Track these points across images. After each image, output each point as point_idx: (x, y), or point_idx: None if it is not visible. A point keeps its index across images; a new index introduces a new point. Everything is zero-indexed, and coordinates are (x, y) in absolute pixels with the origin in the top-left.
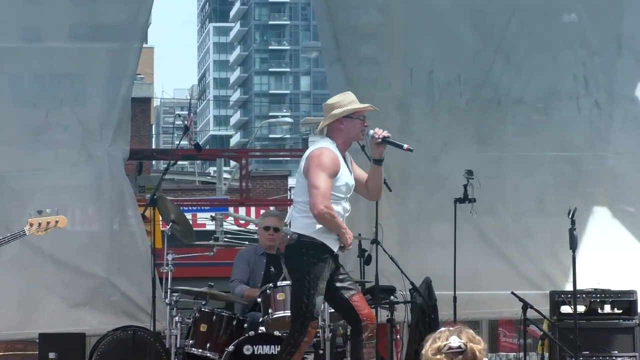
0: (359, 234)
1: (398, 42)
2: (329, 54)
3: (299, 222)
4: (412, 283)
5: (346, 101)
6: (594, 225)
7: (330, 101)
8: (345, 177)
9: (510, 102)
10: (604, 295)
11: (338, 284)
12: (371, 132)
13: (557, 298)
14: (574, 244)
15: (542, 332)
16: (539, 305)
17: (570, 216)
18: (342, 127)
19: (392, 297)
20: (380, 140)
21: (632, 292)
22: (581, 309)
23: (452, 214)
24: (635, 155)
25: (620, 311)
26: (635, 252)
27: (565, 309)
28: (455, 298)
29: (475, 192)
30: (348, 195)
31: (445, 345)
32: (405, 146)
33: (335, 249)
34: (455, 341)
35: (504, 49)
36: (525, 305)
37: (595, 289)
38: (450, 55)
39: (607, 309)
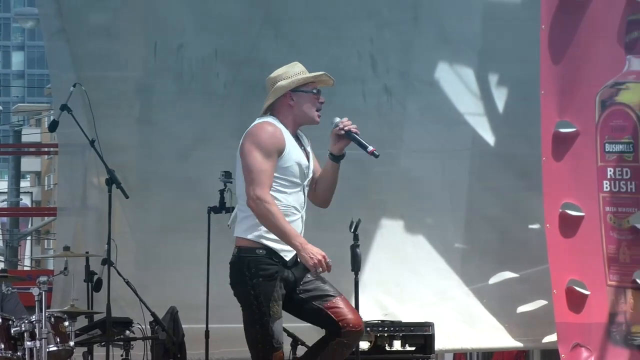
0: (86, 252)
1: (135, 9)
2: (48, 24)
3: (241, 226)
4: (153, 314)
5: (293, 72)
6: (382, 241)
7: (273, 74)
8: (296, 156)
9: None
10: (394, 329)
11: (305, 295)
12: (337, 119)
13: None
14: (356, 265)
15: None
16: (311, 340)
17: (352, 230)
18: (292, 103)
19: (127, 332)
20: (343, 132)
21: (427, 325)
22: (365, 345)
23: (205, 227)
24: (434, 154)
25: (413, 348)
26: (431, 275)
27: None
28: (207, 333)
29: (235, 200)
30: (305, 183)
31: None
32: (370, 148)
33: (289, 257)
34: None
35: (272, 19)
36: (295, 342)
37: (383, 321)
38: (204, 27)
39: (397, 345)
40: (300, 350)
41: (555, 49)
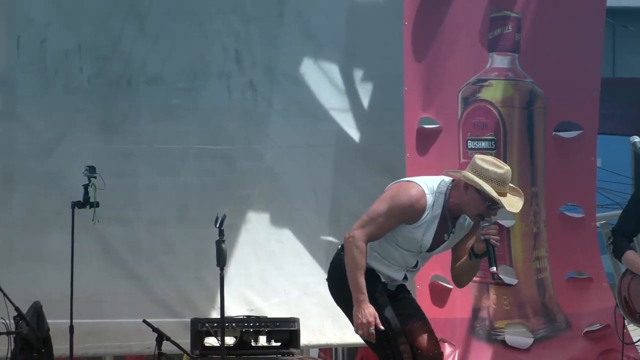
0: None
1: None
2: None
3: None
4: (17, 309)
5: (488, 176)
6: (247, 236)
7: (484, 163)
8: (421, 236)
9: (144, 81)
10: (259, 324)
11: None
12: (486, 224)
13: (200, 327)
14: (222, 260)
15: None
16: (177, 336)
17: (217, 225)
18: (465, 194)
19: None
20: (483, 238)
21: (293, 320)
22: (230, 340)
23: (69, 222)
24: (299, 150)
25: (279, 343)
26: (296, 270)
27: (211, 340)
28: (72, 328)
29: (100, 195)
30: (414, 251)
31: None
32: (494, 269)
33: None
34: None
35: (137, 12)
36: (161, 337)
37: (248, 317)
38: (68, 21)
39: (263, 340)
40: (167, 346)
41: (418, 46)
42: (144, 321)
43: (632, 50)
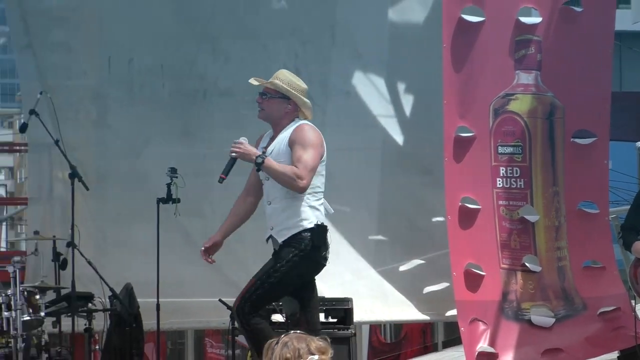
0: (53, 236)
1: (92, 27)
2: (17, 39)
3: None
4: (111, 289)
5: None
6: None
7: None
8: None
9: (217, 94)
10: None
11: None
12: None
13: (268, 306)
14: None
15: None
16: None
17: None
18: None
19: (89, 305)
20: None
21: (347, 300)
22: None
23: (154, 216)
24: (349, 152)
25: (335, 320)
26: (350, 257)
27: (277, 317)
28: (158, 306)
29: (180, 192)
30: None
31: None
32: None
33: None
34: None
35: (210, 36)
36: (234, 314)
37: None
38: (151, 43)
39: (321, 317)
40: None
41: (455, 64)
42: (220, 300)
43: (637, 68)
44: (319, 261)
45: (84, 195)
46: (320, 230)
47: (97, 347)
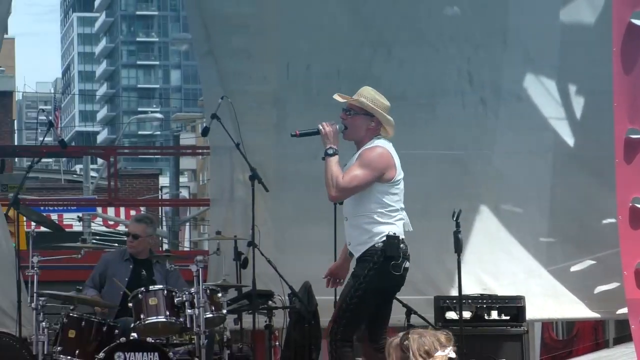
0: (235, 236)
1: (271, 34)
2: (199, 46)
3: None
4: (290, 287)
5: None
6: (480, 227)
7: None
8: None
9: (391, 98)
10: (491, 301)
11: None
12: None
13: (441, 304)
14: (458, 248)
15: None
16: (423, 311)
17: (454, 218)
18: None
19: (270, 302)
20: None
21: (519, 298)
22: (467, 315)
23: (331, 216)
24: (521, 155)
25: (507, 317)
26: (522, 256)
27: (451, 315)
28: (336, 303)
29: None
30: None
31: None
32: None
33: None
34: (452, 354)
35: (385, 42)
36: (409, 311)
37: (482, 295)
38: (328, 49)
39: (494, 315)
40: (414, 319)
41: (624, 68)
42: (395, 298)
43: None
44: (394, 272)
45: (264, 197)
46: (391, 241)
47: (277, 343)
